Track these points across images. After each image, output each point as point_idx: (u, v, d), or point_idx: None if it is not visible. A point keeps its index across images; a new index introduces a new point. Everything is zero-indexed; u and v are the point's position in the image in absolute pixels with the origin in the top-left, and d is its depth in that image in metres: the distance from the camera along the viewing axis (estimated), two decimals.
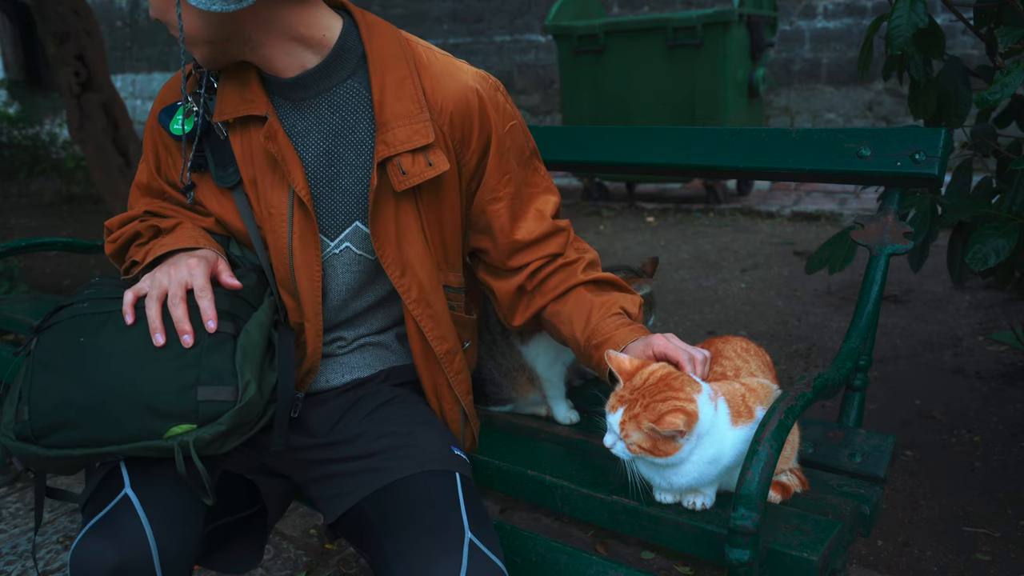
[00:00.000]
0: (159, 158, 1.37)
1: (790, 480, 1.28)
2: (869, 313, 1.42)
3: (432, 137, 1.22)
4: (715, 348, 1.32)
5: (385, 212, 1.25)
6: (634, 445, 1.14)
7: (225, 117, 1.25)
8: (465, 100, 1.27)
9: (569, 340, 1.35)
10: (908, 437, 2.48)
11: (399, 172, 1.22)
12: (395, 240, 1.26)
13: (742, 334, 1.42)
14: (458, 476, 1.23)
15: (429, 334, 1.31)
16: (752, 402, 1.20)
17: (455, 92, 1.26)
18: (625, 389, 1.17)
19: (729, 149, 1.60)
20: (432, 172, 1.23)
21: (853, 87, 6.94)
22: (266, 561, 2.07)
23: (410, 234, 1.27)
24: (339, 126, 1.26)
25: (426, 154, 1.23)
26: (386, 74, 1.23)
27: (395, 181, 1.22)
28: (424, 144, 1.22)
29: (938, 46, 1.95)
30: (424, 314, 1.30)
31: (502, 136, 1.31)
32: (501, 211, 1.33)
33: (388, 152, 1.21)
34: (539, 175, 1.40)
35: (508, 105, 1.34)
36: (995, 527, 2.05)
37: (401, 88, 1.23)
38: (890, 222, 1.46)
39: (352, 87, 1.25)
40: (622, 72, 5.59)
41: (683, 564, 1.97)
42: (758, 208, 5.68)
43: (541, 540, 1.28)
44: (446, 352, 1.33)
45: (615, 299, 1.34)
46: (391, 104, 1.22)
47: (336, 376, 1.37)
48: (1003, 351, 3.05)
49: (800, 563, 1.10)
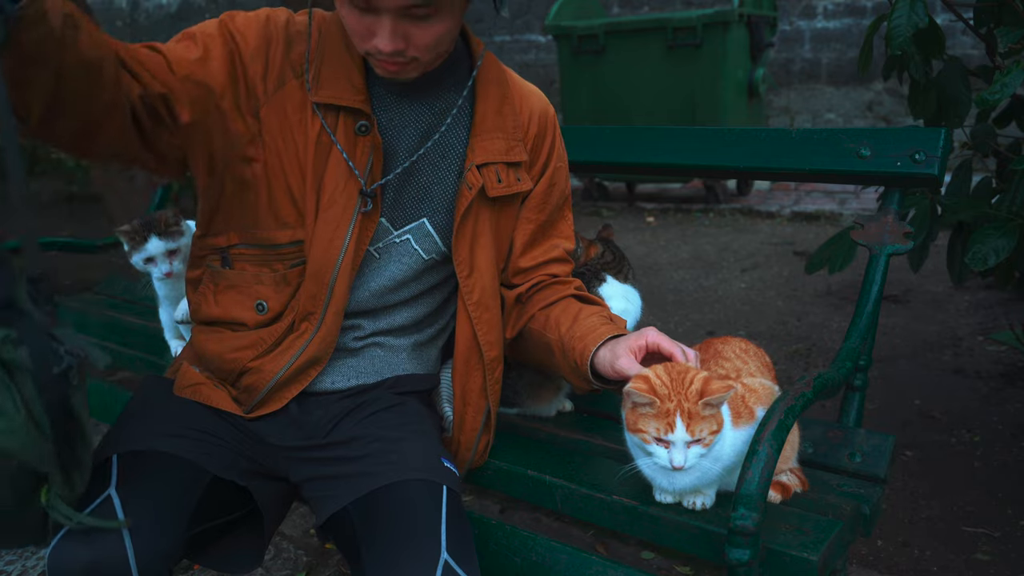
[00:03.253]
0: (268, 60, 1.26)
1: (790, 480, 1.28)
2: (869, 313, 1.42)
3: (525, 156, 1.35)
4: (714, 349, 1.32)
5: (468, 211, 1.31)
6: (707, 437, 1.12)
7: (332, 101, 1.25)
8: (545, 117, 1.40)
9: (553, 341, 1.33)
10: (908, 437, 2.48)
11: (495, 179, 1.32)
12: (470, 241, 1.32)
13: (742, 334, 1.42)
14: (445, 489, 1.21)
15: (483, 338, 1.34)
16: (753, 402, 1.20)
17: (539, 109, 1.40)
18: (661, 407, 1.12)
19: (729, 149, 1.60)
20: (520, 187, 1.35)
21: (853, 87, 6.94)
22: (266, 561, 2.07)
23: (483, 238, 1.34)
24: (433, 127, 1.31)
25: (517, 169, 1.35)
26: (490, 90, 1.33)
27: (489, 187, 1.31)
28: (519, 160, 1.34)
29: (938, 46, 1.96)
30: (482, 318, 1.34)
31: (556, 170, 1.42)
32: (525, 233, 1.41)
33: (488, 158, 1.31)
34: (567, 221, 1.48)
35: (563, 146, 1.46)
36: (995, 527, 2.05)
37: (502, 106, 1.34)
38: (890, 222, 1.46)
39: (454, 95, 1.33)
40: (622, 72, 5.59)
41: (683, 564, 1.97)
42: (758, 208, 5.67)
43: (541, 540, 1.28)
44: (493, 358, 1.36)
45: (602, 309, 1.39)
46: (493, 118, 1.33)
47: (342, 379, 1.35)
48: (1003, 351, 3.05)
49: (800, 563, 1.10)
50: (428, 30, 1.16)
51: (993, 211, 1.85)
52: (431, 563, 1.10)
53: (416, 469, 1.22)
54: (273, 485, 1.34)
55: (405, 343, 1.40)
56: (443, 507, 1.18)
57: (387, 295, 1.35)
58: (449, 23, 1.18)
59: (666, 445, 1.12)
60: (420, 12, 1.13)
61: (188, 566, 2.05)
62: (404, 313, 1.38)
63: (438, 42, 1.19)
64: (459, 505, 1.23)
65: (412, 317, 1.39)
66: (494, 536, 1.32)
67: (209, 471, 1.23)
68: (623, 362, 1.21)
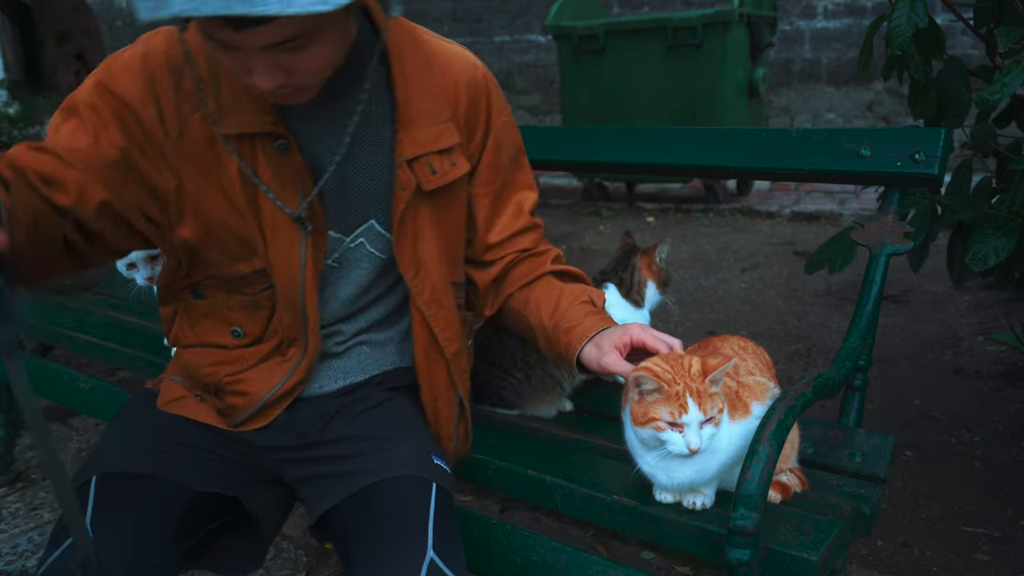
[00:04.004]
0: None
1: (790, 480, 1.28)
2: (869, 313, 1.42)
3: (457, 138, 1.23)
4: (713, 347, 1.32)
5: (405, 211, 1.23)
6: (717, 414, 1.13)
7: (241, 130, 1.14)
8: (475, 84, 1.27)
9: (536, 327, 1.35)
10: (908, 437, 2.48)
11: (429, 171, 1.21)
12: (412, 239, 1.25)
13: (742, 334, 1.42)
14: (435, 487, 1.20)
15: (440, 335, 1.30)
16: (747, 397, 1.21)
17: (466, 77, 1.26)
18: (670, 391, 1.13)
19: (729, 149, 1.60)
20: (456, 172, 1.24)
21: (853, 87, 6.94)
22: (266, 561, 2.07)
23: (425, 233, 1.26)
24: (358, 124, 1.21)
25: (451, 154, 1.23)
26: (406, 69, 1.20)
27: (424, 181, 1.21)
28: (451, 144, 1.23)
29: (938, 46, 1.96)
30: (436, 315, 1.29)
31: (499, 131, 1.31)
32: (484, 207, 1.34)
33: (418, 151, 1.20)
34: (523, 171, 1.40)
35: (502, 100, 1.33)
36: (995, 527, 2.05)
37: (422, 82, 1.21)
38: (890, 222, 1.46)
39: (370, 85, 1.20)
40: (622, 72, 5.59)
41: (683, 564, 1.97)
42: (758, 208, 5.67)
43: (541, 540, 1.28)
44: (455, 353, 1.33)
45: (583, 289, 1.36)
46: (416, 100, 1.20)
47: (330, 382, 1.34)
48: (1003, 351, 3.05)
49: (800, 563, 1.10)
50: (309, 58, 1.02)
51: (993, 211, 1.85)
52: (417, 561, 1.10)
53: (406, 466, 1.21)
54: (270, 490, 1.33)
55: (391, 335, 1.37)
56: (431, 505, 1.18)
57: (358, 299, 1.31)
58: (333, 44, 1.04)
59: (680, 429, 1.12)
60: (292, 46, 0.99)
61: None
62: (380, 308, 1.35)
63: (324, 67, 1.06)
64: (449, 502, 1.23)
65: (390, 308, 1.36)
66: (494, 536, 1.32)
67: (191, 487, 1.22)
68: (609, 359, 1.23)
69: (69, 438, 2.79)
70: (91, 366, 2.88)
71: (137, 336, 2.12)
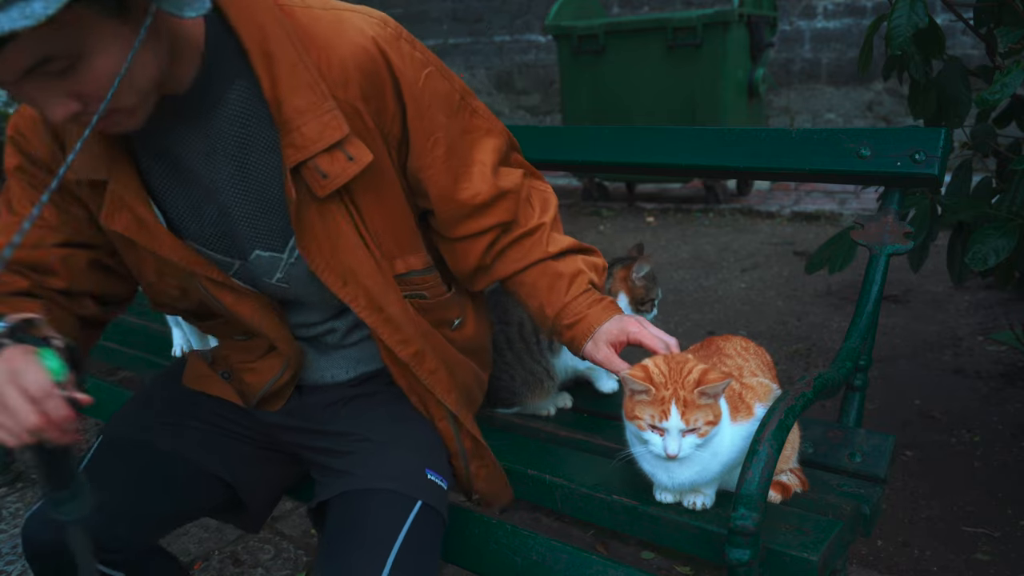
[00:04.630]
0: None
1: (790, 480, 1.28)
2: (869, 313, 1.42)
3: (346, 129, 1.07)
4: (716, 346, 1.32)
5: (310, 221, 1.11)
6: (703, 426, 1.12)
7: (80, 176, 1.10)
8: (366, 56, 1.08)
9: (536, 312, 1.32)
10: (908, 437, 2.48)
11: (319, 176, 1.07)
12: (329, 249, 1.13)
13: (742, 334, 1.42)
14: (418, 505, 1.17)
15: (388, 340, 1.21)
16: (750, 399, 1.21)
17: (351, 51, 1.08)
18: (657, 395, 1.13)
19: (729, 149, 1.60)
20: (355, 167, 1.08)
21: (853, 87, 6.94)
22: (266, 561, 2.07)
23: (343, 238, 1.14)
24: (242, 138, 1.09)
25: (343, 147, 1.07)
26: (272, 64, 1.04)
27: (316, 187, 1.08)
28: (339, 138, 1.06)
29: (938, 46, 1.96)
30: (378, 320, 1.19)
31: (418, 92, 1.13)
32: (436, 176, 1.18)
33: (300, 156, 1.06)
34: (478, 117, 1.23)
35: (417, 52, 1.14)
36: (995, 527, 2.05)
37: (294, 77, 1.04)
38: (890, 222, 1.46)
39: (241, 87, 1.08)
40: (622, 72, 5.59)
41: (683, 564, 1.97)
42: (758, 208, 5.67)
43: (541, 540, 1.28)
44: (412, 355, 1.23)
45: (581, 271, 1.29)
46: (288, 99, 1.05)
47: (341, 372, 1.35)
48: (1003, 351, 3.05)
49: (800, 563, 1.10)
50: (90, 79, 0.90)
51: (993, 211, 1.85)
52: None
53: (389, 478, 1.19)
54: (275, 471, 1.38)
55: None
56: (407, 524, 1.15)
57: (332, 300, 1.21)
58: (115, 56, 0.90)
59: (661, 433, 1.13)
60: (55, 68, 0.88)
61: (189, 564, 2.05)
62: None
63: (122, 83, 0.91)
64: (432, 523, 1.19)
65: None
66: (494, 536, 1.32)
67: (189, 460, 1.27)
68: (601, 356, 1.24)
69: None
70: (91, 366, 2.88)
71: (137, 336, 2.12)
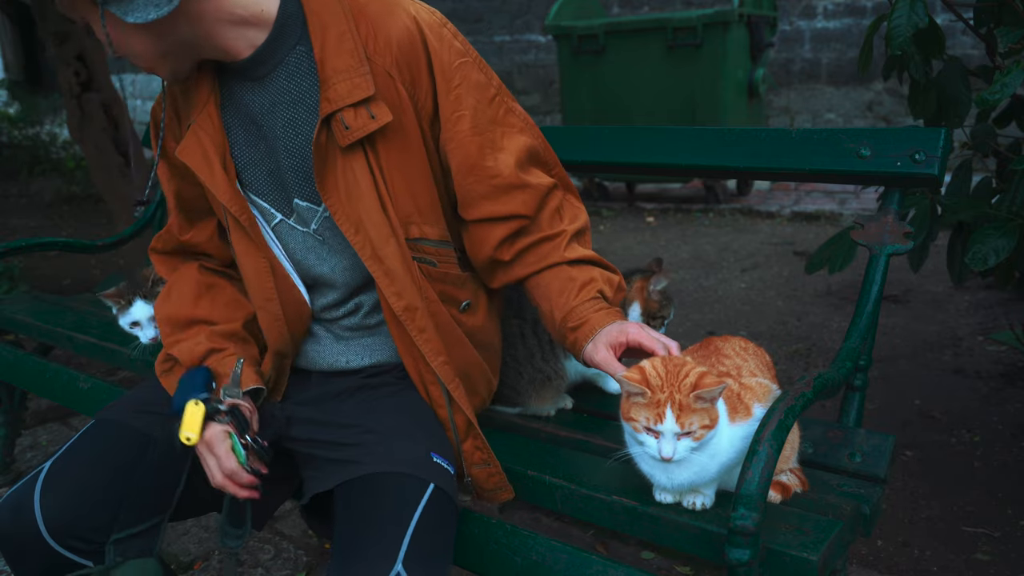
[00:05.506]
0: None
1: (790, 480, 1.27)
2: (869, 313, 1.42)
3: (372, 89, 1.21)
4: (715, 347, 1.32)
5: (332, 168, 1.25)
6: (697, 430, 1.12)
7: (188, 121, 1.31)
8: (407, 34, 1.25)
9: (546, 315, 1.35)
10: (908, 437, 2.48)
11: (342, 127, 1.22)
12: (345, 197, 1.26)
13: (742, 334, 1.42)
14: (431, 488, 1.20)
15: (385, 290, 1.27)
16: (749, 399, 1.20)
17: (396, 28, 1.24)
18: (653, 397, 1.13)
19: (729, 149, 1.60)
20: (374, 124, 1.22)
21: (853, 87, 6.94)
22: (266, 561, 2.07)
23: (358, 188, 1.25)
24: (296, 94, 1.27)
25: (368, 106, 1.22)
26: (325, 32, 1.23)
27: (340, 136, 1.22)
28: (365, 96, 1.21)
29: (938, 46, 1.96)
30: (378, 270, 1.27)
31: (448, 71, 1.27)
32: (458, 149, 1.28)
33: (330, 108, 1.21)
34: (512, 115, 1.34)
35: (458, 42, 1.30)
36: (995, 527, 2.05)
37: (340, 43, 1.22)
38: (890, 222, 1.46)
39: (301, 52, 1.26)
40: (622, 72, 5.59)
41: (683, 564, 1.97)
42: (758, 208, 5.68)
43: (541, 540, 1.28)
44: (403, 308, 1.28)
45: (594, 279, 1.33)
46: (331, 60, 1.22)
47: (356, 358, 1.39)
48: (1003, 351, 3.05)
49: (800, 563, 1.10)
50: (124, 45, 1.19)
51: (993, 211, 1.85)
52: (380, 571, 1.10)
53: (404, 462, 1.22)
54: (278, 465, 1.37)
55: None
56: (420, 507, 1.17)
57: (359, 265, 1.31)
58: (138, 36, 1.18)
59: (656, 435, 1.13)
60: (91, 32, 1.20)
61: (189, 564, 2.05)
62: None
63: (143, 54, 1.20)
64: (445, 506, 1.21)
65: None
66: (494, 536, 1.32)
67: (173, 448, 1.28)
68: (599, 357, 1.25)
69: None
70: (91, 366, 2.88)
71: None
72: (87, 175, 6.55)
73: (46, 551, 1.20)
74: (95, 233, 5.28)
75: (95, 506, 1.22)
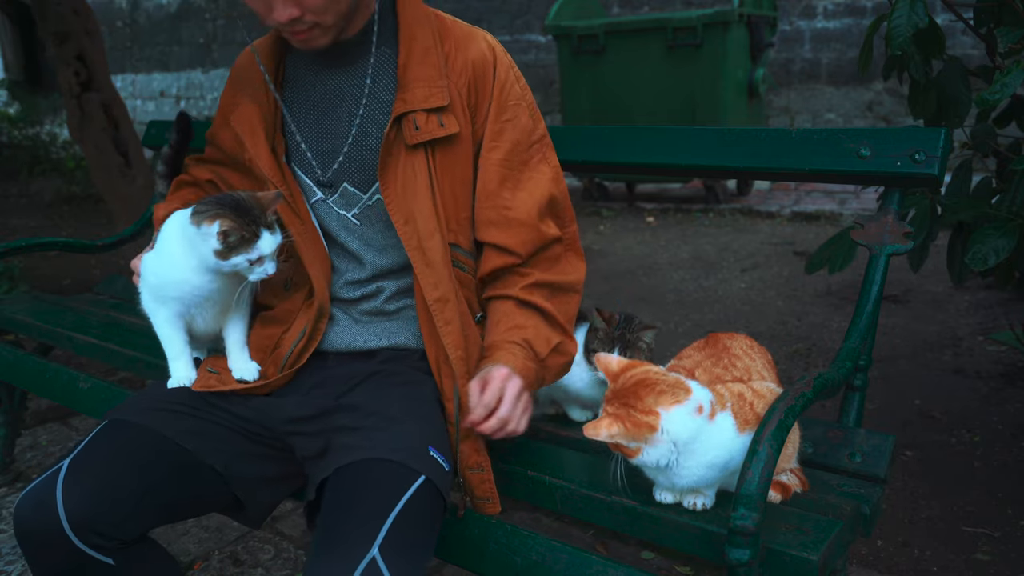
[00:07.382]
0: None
1: (790, 480, 1.28)
2: (869, 313, 1.42)
3: (447, 100, 1.32)
4: (722, 345, 1.32)
5: (395, 163, 1.34)
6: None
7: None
8: (483, 60, 1.37)
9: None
10: (908, 437, 2.48)
11: (413, 127, 1.32)
12: (401, 190, 1.33)
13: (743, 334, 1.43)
14: (420, 479, 1.19)
15: (423, 280, 1.32)
16: (761, 409, 1.20)
17: (475, 53, 1.37)
18: (610, 390, 1.19)
19: (729, 149, 1.60)
20: (442, 132, 1.33)
21: (853, 87, 6.94)
22: (266, 561, 2.07)
23: (415, 186, 1.33)
24: (369, 88, 1.37)
25: (440, 116, 1.33)
26: (412, 42, 1.35)
27: (408, 135, 1.32)
28: (440, 105, 1.32)
29: (938, 46, 1.96)
30: (420, 260, 1.33)
31: (505, 106, 1.38)
32: (484, 174, 1.38)
33: (405, 108, 1.31)
34: (546, 164, 1.43)
35: (519, 86, 1.41)
36: (995, 527, 2.05)
37: (425, 56, 1.34)
38: (890, 222, 1.46)
39: (384, 52, 1.38)
40: (622, 72, 5.59)
41: (683, 564, 1.97)
42: (758, 208, 5.68)
43: (541, 540, 1.28)
44: (436, 300, 1.33)
45: (526, 327, 1.36)
46: (414, 68, 1.33)
47: (374, 339, 1.42)
48: (1003, 351, 3.05)
49: (800, 563, 1.10)
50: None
51: (993, 211, 1.85)
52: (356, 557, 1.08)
53: (398, 451, 1.21)
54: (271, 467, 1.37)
55: None
56: (404, 497, 1.16)
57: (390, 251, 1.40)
58: None
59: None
60: None
61: (189, 564, 2.05)
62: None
63: (328, 5, 1.25)
64: (433, 501, 1.21)
65: None
66: (494, 536, 1.32)
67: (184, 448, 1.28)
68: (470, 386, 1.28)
69: (68, 438, 2.79)
70: (91, 366, 2.88)
71: (137, 336, 2.12)
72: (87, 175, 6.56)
73: (67, 547, 1.18)
74: (95, 233, 5.28)
75: (116, 502, 1.21)
